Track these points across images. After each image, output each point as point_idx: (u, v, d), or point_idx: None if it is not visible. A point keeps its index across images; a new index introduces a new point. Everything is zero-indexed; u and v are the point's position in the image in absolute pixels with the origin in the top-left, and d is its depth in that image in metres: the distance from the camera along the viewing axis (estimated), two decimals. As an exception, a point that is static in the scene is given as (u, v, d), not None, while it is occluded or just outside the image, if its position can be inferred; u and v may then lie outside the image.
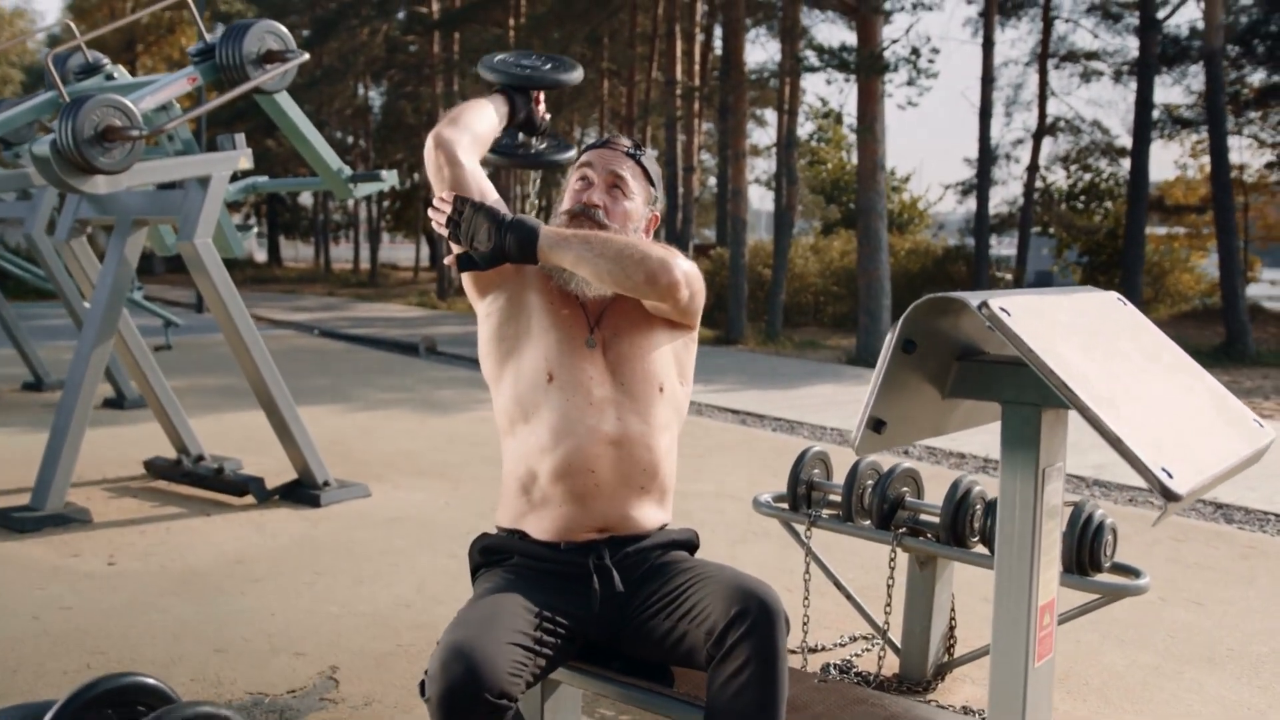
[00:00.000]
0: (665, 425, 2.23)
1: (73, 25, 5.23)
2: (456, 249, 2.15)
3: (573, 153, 2.56)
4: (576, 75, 2.54)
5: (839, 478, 3.45)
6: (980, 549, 3.14)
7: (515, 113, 2.45)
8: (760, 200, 60.92)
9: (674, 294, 2.13)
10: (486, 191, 2.22)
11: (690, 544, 2.27)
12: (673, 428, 2.27)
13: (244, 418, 7.76)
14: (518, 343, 2.24)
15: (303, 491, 5.40)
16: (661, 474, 2.22)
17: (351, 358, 13.04)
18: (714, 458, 6.93)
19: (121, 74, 5.50)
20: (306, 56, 4.78)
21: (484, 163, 2.32)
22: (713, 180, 32.75)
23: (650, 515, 2.21)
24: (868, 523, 3.31)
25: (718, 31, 22.40)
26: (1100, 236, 22.20)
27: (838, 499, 3.42)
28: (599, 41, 22.96)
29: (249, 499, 5.40)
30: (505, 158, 2.56)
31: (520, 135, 2.55)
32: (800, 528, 3.42)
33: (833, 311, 20.45)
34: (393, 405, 9.02)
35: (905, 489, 3.29)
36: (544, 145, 2.59)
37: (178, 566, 4.35)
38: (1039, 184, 21.93)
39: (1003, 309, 1.63)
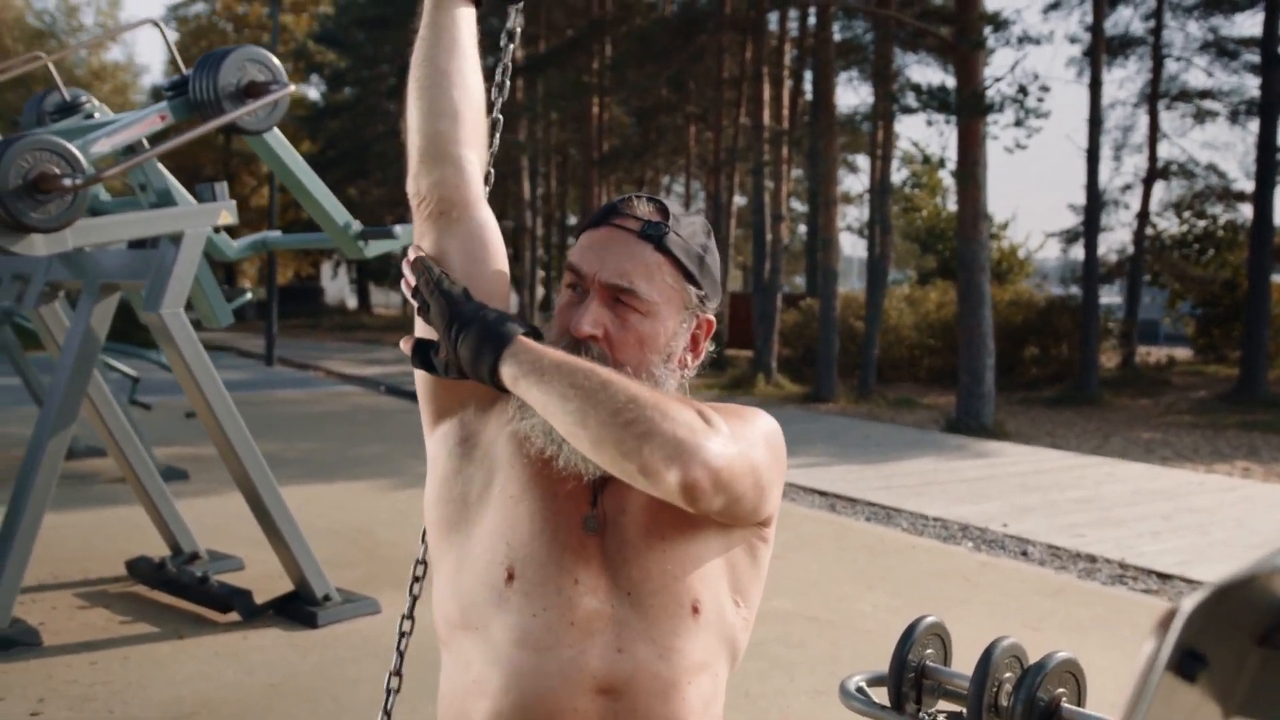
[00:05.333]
0: (701, 664, 1.30)
1: (44, 55, 4.50)
2: (419, 329, 1.33)
3: None
4: None
5: (961, 659, 2.44)
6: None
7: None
8: (852, 248, 59.61)
9: (691, 500, 1.17)
10: (485, 250, 1.36)
11: None
12: (716, 669, 1.33)
13: (270, 497, 6.94)
14: (466, 509, 1.33)
15: (298, 607, 4.51)
16: None
17: (413, 419, 12.15)
18: (795, 557, 5.91)
19: (105, 112, 4.74)
20: (292, 89, 3.95)
21: None
22: (802, 228, 31.72)
23: None
24: (1007, 735, 2.30)
25: (807, 75, 21.48)
26: (1216, 287, 20.71)
27: (961, 691, 2.42)
28: (685, 85, 22.20)
29: (236, 614, 4.54)
30: None
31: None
32: (907, 732, 2.42)
33: (929, 365, 19.23)
34: (440, 480, 8.11)
35: (1063, 691, 2.28)
36: None
37: (112, 721, 3.48)
38: (1149, 231, 20.55)
39: None
